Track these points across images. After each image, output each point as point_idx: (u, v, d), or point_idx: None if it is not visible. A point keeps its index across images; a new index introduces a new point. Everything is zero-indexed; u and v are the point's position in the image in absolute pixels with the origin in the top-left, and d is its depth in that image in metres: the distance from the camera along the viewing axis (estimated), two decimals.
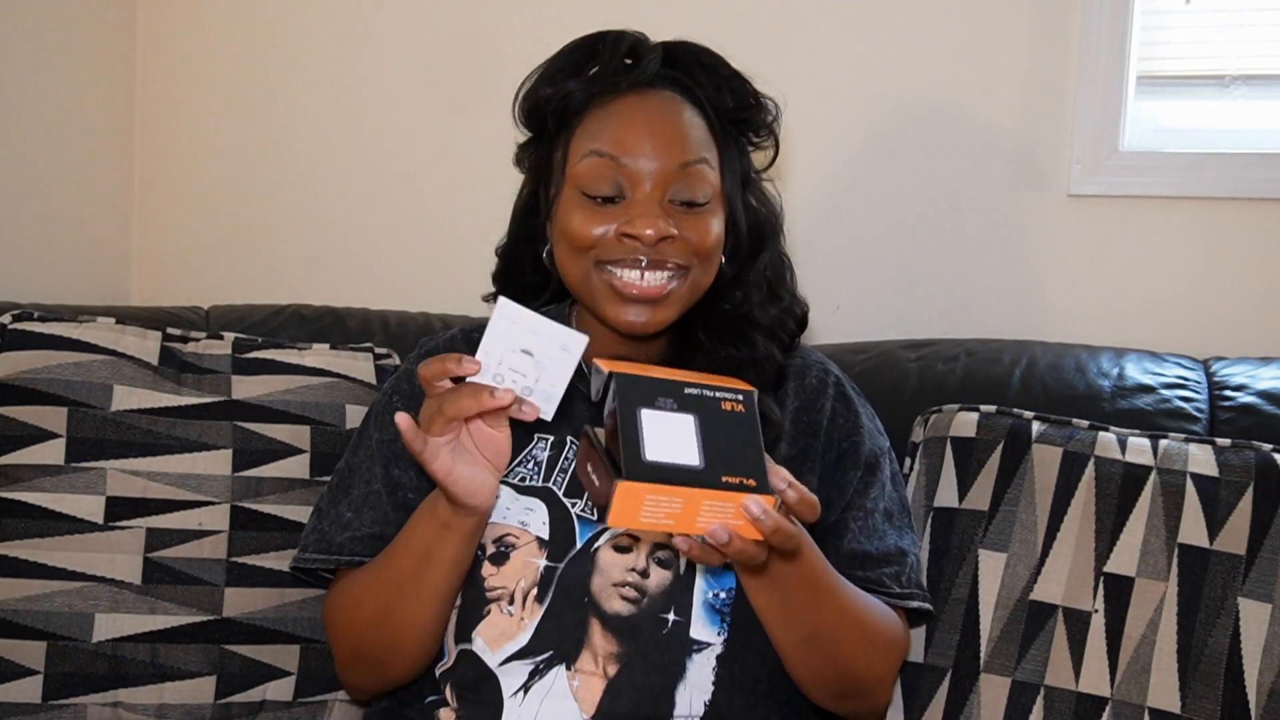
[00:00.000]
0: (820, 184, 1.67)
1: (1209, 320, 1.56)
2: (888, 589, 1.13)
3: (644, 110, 1.09)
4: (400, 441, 1.11)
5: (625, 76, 1.10)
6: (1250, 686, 1.14)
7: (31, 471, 1.26)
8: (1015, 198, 1.62)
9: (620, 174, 1.07)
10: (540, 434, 1.14)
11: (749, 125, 1.16)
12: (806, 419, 1.17)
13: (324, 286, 1.77)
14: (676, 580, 1.07)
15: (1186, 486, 1.21)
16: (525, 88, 1.15)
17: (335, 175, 1.85)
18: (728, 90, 1.13)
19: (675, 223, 1.07)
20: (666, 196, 1.08)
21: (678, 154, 1.08)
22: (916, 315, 1.65)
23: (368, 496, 1.16)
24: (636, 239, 1.06)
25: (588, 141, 1.09)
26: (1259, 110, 1.59)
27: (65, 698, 1.23)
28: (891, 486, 1.19)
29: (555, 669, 1.06)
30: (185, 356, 1.36)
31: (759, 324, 1.16)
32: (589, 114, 1.11)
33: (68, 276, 1.77)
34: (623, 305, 1.08)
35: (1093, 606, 1.19)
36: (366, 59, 1.82)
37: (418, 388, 1.15)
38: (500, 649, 1.07)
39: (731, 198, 1.14)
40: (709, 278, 1.12)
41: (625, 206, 1.07)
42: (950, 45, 1.62)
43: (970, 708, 1.20)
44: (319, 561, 1.16)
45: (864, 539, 1.14)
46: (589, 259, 1.09)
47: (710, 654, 1.07)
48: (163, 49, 1.88)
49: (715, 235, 1.10)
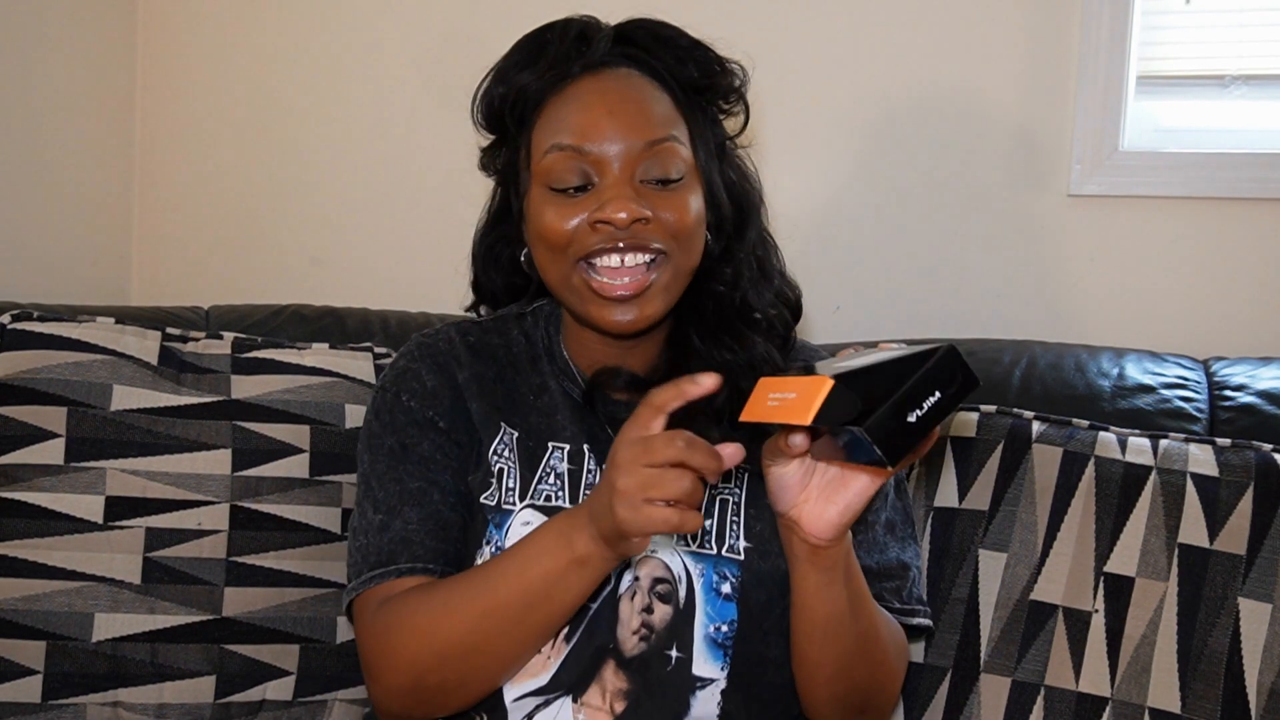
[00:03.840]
0: (820, 184, 1.67)
1: (1209, 320, 1.56)
2: (888, 605, 1.10)
3: (600, 92, 1.05)
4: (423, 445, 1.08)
5: (577, 60, 1.06)
6: (1250, 687, 1.14)
7: (31, 471, 1.26)
8: (1015, 198, 1.62)
9: (585, 162, 1.03)
10: (555, 443, 1.11)
11: (716, 93, 1.10)
12: None
13: (324, 286, 1.77)
14: (677, 614, 1.04)
15: (1187, 486, 1.21)
16: (480, 90, 1.11)
17: (335, 175, 1.85)
18: (690, 60, 1.08)
19: (650, 203, 1.02)
20: (637, 177, 1.03)
21: (642, 132, 1.03)
22: (916, 315, 1.64)
23: (403, 495, 1.08)
24: (609, 224, 1.01)
25: (548, 135, 1.05)
26: (1259, 110, 1.59)
27: (65, 697, 1.23)
28: (895, 496, 1.15)
29: (562, 700, 1.03)
30: (185, 356, 1.36)
31: (754, 313, 1.11)
32: (546, 106, 1.06)
33: (68, 276, 1.77)
34: (606, 306, 1.04)
35: (1093, 606, 1.19)
36: (366, 59, 1.82)
37: (429, 386, 1.12)
38: (520, 685, 1.04)
39: (707, 171, 1.09)
40: (692, 260, 1.07)
41: (595, 193, 1.03)
42: (950, 45, 1.62)
43: (970, 708, 1.19)
44: (378, 577, 1.05)
45: (864, 552, 1.09)
46: (567, 257, 1.04)
47: (715, 689, 1.04)
48: (163, 49, 1.88)
49: (694, 212, 1.05)
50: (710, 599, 1.05)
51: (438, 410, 1.11)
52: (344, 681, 1.31)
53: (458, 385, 1.13)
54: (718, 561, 1.06)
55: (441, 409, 1.12)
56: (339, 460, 1.34)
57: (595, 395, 1.10)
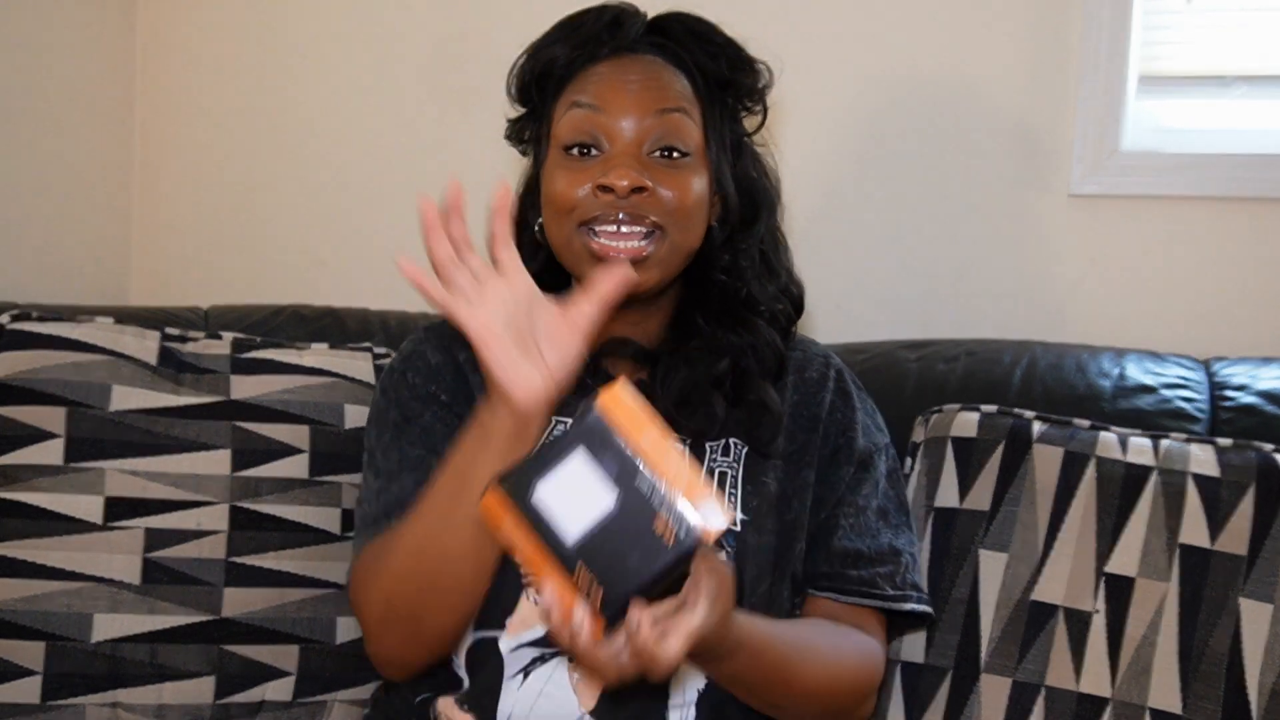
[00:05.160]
0: (820, 184, 1.67)
1: (1209, 320, 1.56)
2: (881, 590, 1.12)
3: (623, 71, 1.10)
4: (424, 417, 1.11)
5: (608, 41, 1.11)
6: (1251, 687, 1.14)
7: (30, 472, 1.26)
8: (1015, 198, 1.62)
9: (596, 125, 1.08)
10: (559, 417, 1.12)
11: (741, 90, 1.15)
12: (806, 413, 1.17)
13: (324, 286, 1.76)
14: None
15: (1187, 487, 1.21)
16: (515, 65, 1.16)
17: (335, 175, 1.85)
18: (722, 56, 1.13)
19: (653, 176, 1.07)
20: (645, 149, 1.08)
21: (656, 103, 1.08)
22: (916, 315, 1.64)
23: (403, 462, 1.11)
24: (611, 190, 1.05)
25: (569, 99, 1.11)
26: (1259, 110, 1.59)
27: (64, 698, 1.23)
28: (887, 484, 1.18)
29: (558, 659, 1.05)
30: (184, 356, 1.36)
31: (757, 303, 1.15)
32: (572, 81, 1.12)
33: (67, 276, 1.77)
34: (604, 268, 1.05)
35: (1093, 607, 1.19)
36: (367, 59, 1.82)
37: (433, 363, 1.15)
38: (517, 635, 1.06)
39: (716, 161, 1.13)
40: (690, 240, 1.11)
41: (603, 160, 1.08)
42: (950, 45, 1.62)
43: (971, 708, 1.19)
44: (369, 536, 1.09)
45: (854, 536, 1.13)
46: (571, 221, 1.08)
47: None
48: (163, 49, 1.88)
49: (695, 193, 1.09)
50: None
51: (440, 385, 1.15)
52: (344, 682, 1.31)
53: (459, 363, 1.16)
54: None
55: (444, 384, 1.15)
56: (339, 461, 1.34)
57: (599, 366, 1.13)
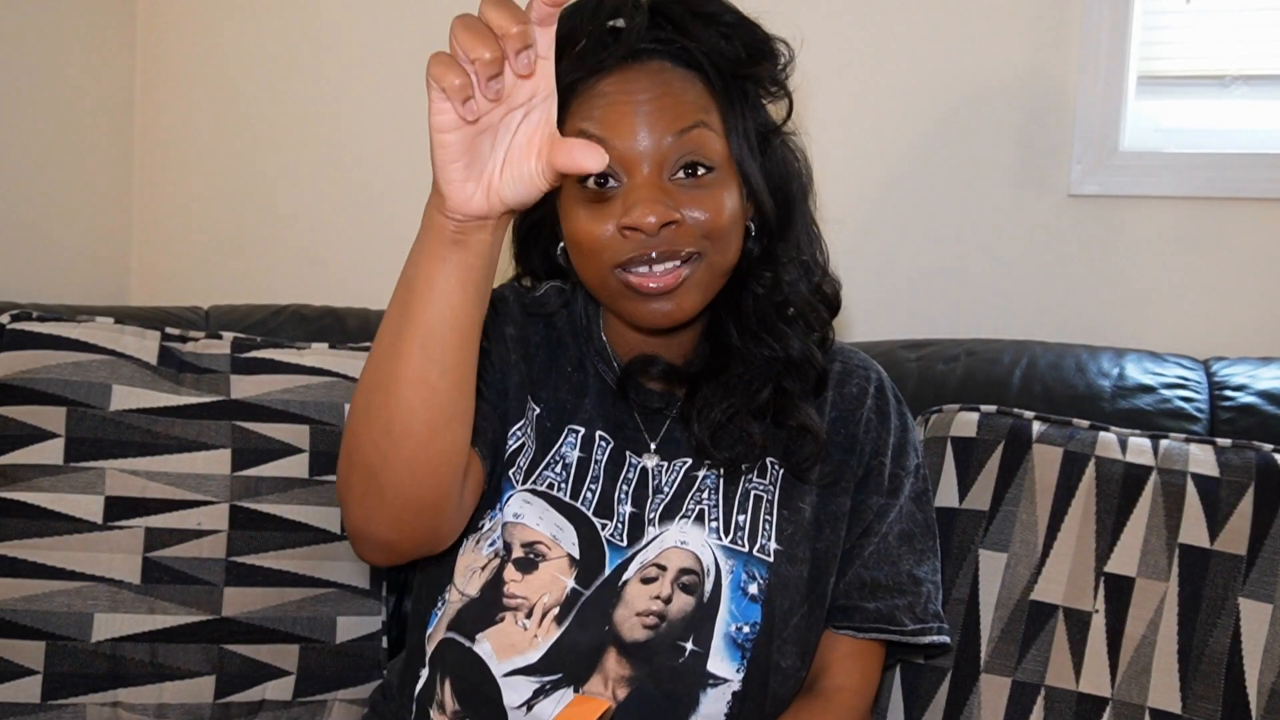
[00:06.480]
0: (818, 185, 1.67)
1: (1209, 320, 1.56)
2: (900, 625, 1.09)
3: (629, 88, 1.01)
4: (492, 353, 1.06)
5: (612, 50, 1.01)
6: (1251, 687, 1.14)
7: (30, 471, 1.26)
8: (1015, 198, 1.62)
9: (611, 157, 0.95)
10: (572, 426, 1.10)
11: (761, 73, 1.05)
12: (844, 431, 1.12)
13: (324, 286, 1.76)
14: (699, 607, 1.03)
15: (1187, 487, 1.21)
16: None
17: (335, 175, 1.85)
18: (735, 37, 1.03)
19: (679, 202, 0.99)
20: (666, 174, 1.00)
21: (672, 124, 0.99)
22: (916, 315, 1.64)
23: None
24: (638, 229, 0.98)
25: (576, 125, 1.01)
26: (1259, 110, 1.59)
27: (64, 698, 1.23)
28: (915, 506, 1.13)
29: (563, 690, 1.02)
30: (184, 356, 1.36)
31: (793, 308, 1.08)
32: (578, 97, 1.02)
33: (67, 276, 1.77)
34: (643, 302, 1.01)
35: (1093, 607, 1.19)
36: (366, 58, 1.82)
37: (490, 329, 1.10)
38: (507, 660, 1.02)
39: (744, 163, 1.04)
40: (728, 258, 1.04)
41: (624, 195, 1.00)
42: (950, 45, 1.62)
43: (970, 708, 1.19)
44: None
45: (874, 565, 1.09)
46: (603, 263, 1.02)
47: (726, 690, 1.02)
48: (163, 49, 1.88)
49: (729, 210, 1.02)
50: (736, 598, 1.04)
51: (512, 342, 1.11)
52: (344, 681, 1.31)
53: (508, 338, 1.11)
54: (748, 560, 1.05)
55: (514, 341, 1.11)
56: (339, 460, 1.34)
57: (629, 382, 1.10)
